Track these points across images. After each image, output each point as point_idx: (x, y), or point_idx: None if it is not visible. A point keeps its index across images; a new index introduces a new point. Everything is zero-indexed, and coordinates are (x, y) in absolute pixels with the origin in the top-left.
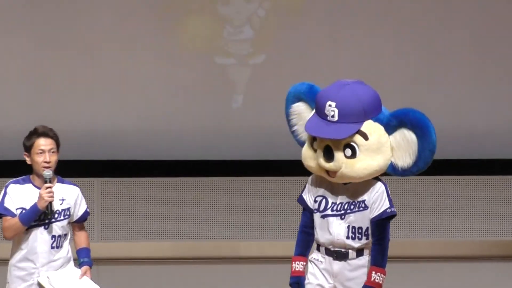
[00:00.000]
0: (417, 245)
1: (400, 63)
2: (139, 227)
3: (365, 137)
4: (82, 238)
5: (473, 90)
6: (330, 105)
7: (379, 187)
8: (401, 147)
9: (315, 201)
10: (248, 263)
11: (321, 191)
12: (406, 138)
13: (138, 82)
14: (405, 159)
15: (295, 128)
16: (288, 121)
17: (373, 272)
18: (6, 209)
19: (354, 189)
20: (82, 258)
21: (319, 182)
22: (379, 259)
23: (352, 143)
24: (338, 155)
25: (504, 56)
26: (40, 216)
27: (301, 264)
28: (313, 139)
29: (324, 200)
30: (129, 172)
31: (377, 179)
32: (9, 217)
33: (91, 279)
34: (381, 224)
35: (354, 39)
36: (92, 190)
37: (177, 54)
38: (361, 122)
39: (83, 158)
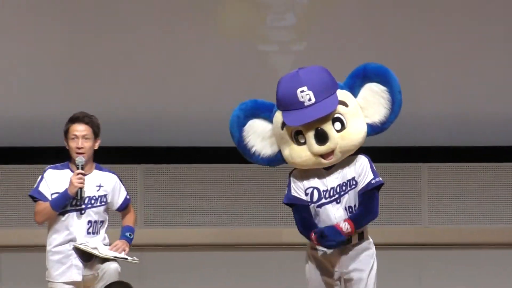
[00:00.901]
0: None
1: (438, 51)
2: (182, 213)
3: (345, 104)
4: (127, 218)
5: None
6: (302, 91)
7: (362, 159)
8: (372, 102)
9: (306, 194)
10: (291, 250)
11: (309, 183)
12: (374, 91)
13: (180, 69)
14: (380, 112)
15: (254, 148)
16: (244, 145)
17: (345, 223)
18: (40, 193)
19: (339, 170)
20: (122, 233)
21: (303, 176)
22: (357, 217)
23: (338, 115)
24: (331, 133)
25: None
26: (75, 202)
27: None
28: (295, 135)
29: (315, 191)
30: (172, 158)
31: (357, 153)
32: (41, 202)
33: (125, 254)
34: (368, 196)
35: (395, 26)
36: (135, 177)
37: (219, 42)
38: (334, 93)
39: (125, 145)
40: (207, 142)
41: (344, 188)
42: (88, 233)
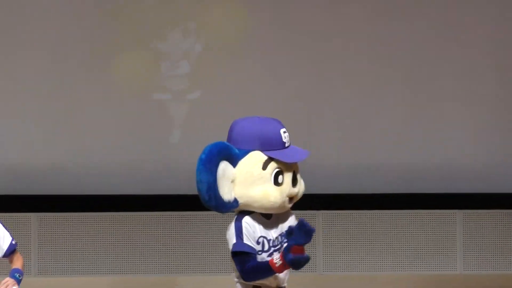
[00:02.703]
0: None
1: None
2: (78, 261)
3: None
4: (14, 262)
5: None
6: (284, 132)
7: (293, 214)
8: None
9: (258, 243)
10: None
11: (259, 232)
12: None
13: (74, 118)
14: None
15: (222, 191)
16: (216, 188)
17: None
18: None
19: (278, 221)
20: (11, 274)
21: (254, 224)
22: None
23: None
24: (298, 177)
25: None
26: None
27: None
28: (276, 175)
29: (265, 240)
30: (67, 207)
31: None
32: None
33: None
34: None
35: (292, 76)
36: (29, 225)
37: (113, 90)
38: None
39: (19, 193)
40: (102, 190)
41: (282, 238)
42: None
